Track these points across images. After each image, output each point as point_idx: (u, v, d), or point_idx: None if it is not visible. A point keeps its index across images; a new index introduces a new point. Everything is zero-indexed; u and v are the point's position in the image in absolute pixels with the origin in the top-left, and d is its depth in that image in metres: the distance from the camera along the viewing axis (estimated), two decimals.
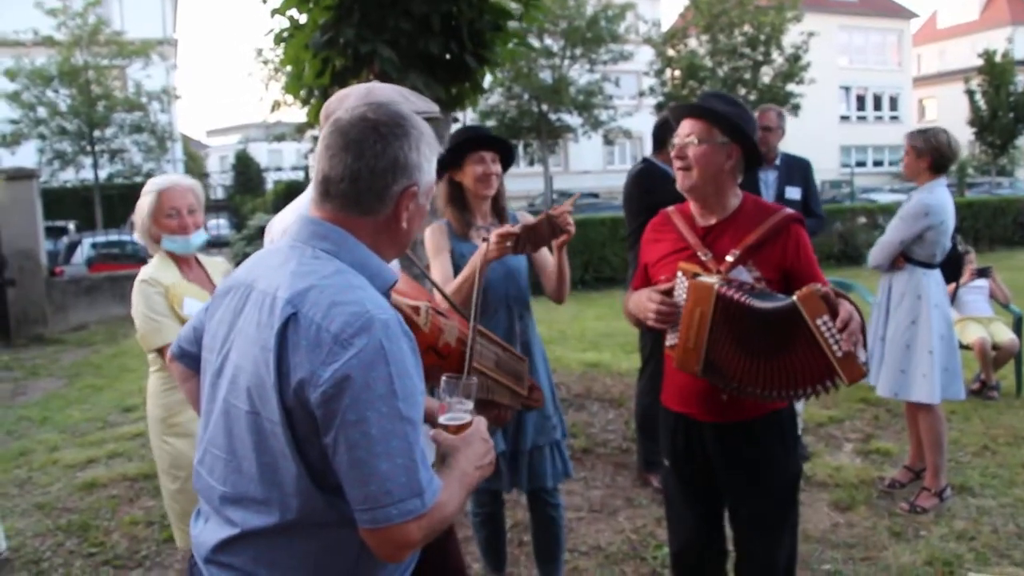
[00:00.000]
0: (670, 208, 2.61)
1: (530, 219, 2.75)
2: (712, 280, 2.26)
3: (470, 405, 1.62)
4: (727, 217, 2.46)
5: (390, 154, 1.45)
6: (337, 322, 1.33)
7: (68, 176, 21.00)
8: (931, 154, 4.08)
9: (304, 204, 2.29)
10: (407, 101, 2.13)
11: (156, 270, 2.94)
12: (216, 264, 3.16)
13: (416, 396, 1.36)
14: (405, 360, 1.35)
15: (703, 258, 2.41)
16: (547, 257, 3.01)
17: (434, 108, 2.18)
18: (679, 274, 2.35)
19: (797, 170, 5.00)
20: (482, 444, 1.57)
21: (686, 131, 2.43)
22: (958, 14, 46.39)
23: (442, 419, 1.59)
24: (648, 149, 4.78)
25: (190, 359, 1.72)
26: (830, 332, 2.09)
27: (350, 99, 2.11)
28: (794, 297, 2.13)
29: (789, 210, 2.49)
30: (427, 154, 1.51)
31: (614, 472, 4.78)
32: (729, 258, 2.38)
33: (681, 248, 2.48)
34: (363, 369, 1.30)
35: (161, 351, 2.82)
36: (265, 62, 24.17)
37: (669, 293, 2.37)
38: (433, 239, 3.06)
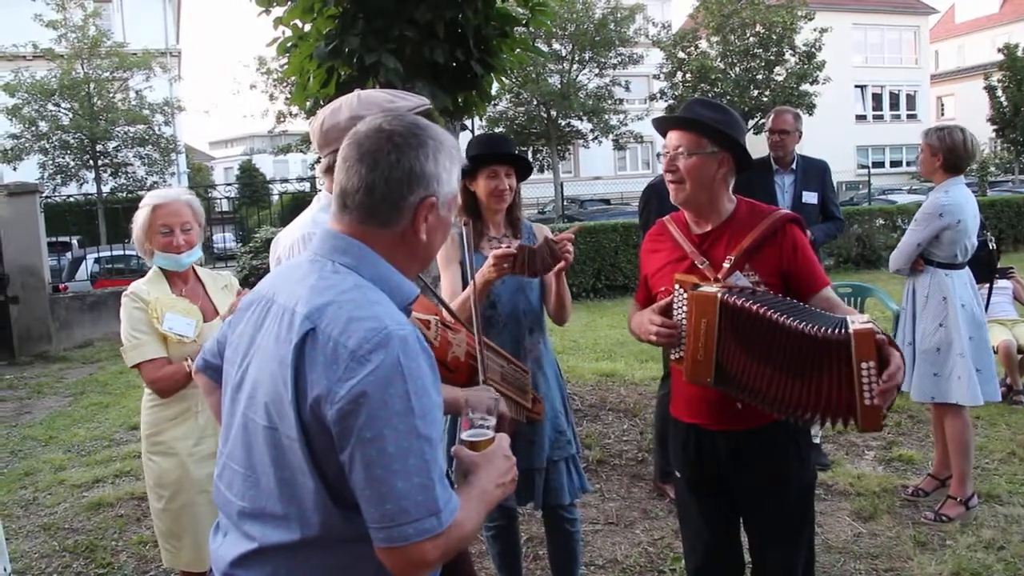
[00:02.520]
0: (666, 217, 2.59)
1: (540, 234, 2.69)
2: (713, 289, 2.23)
3: (492, 421, 1.62)
4: (722, 223, 2.43)
5: (405, 164, 1.43)
6: (355, 338, 1.32)
7: (71, 191, 20.94)
8: (944, 153, 4.03)
9: (308, 220, 2.25)
10: (399, 100, 2.09)
11: (143, 284, 2.88)
12: (219, 279, 3.08)
13: (434, 413, 1.34)
14: (423, 377, 1.34)
15: (700, 266, 2.39)
16: (549, 279, 2.97)
17: (425, 102, 2.15)
18: (676, 287, 2.32)
19: (814, 173, 4.95)
20: (504, 461, 1.55)
21: (675, 143, 2.39)
22: (977, 7, 45.77)
23: (464, 435, 1.58)
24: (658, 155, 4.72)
25: (214, 371, 1.73)
26: (869, 379, 2.02)
27: (342, 110, 2.07)
28: (851, 330, 2.04)
29: (784, 210, 2.46)
30: (446, 164, 1.48)
31: (630, 484, 4.73)
32: (725, 264, 2.35)
33: (678, 257, 2.46)
34: (380, 386, 1.29)
35: (140, 368, 2.78)
36: (268, 72, 24.32)
37: (668, 309, 2.34)
38: (444, 250, 3.02)
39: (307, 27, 4.88)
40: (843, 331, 2.04)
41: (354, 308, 1.36)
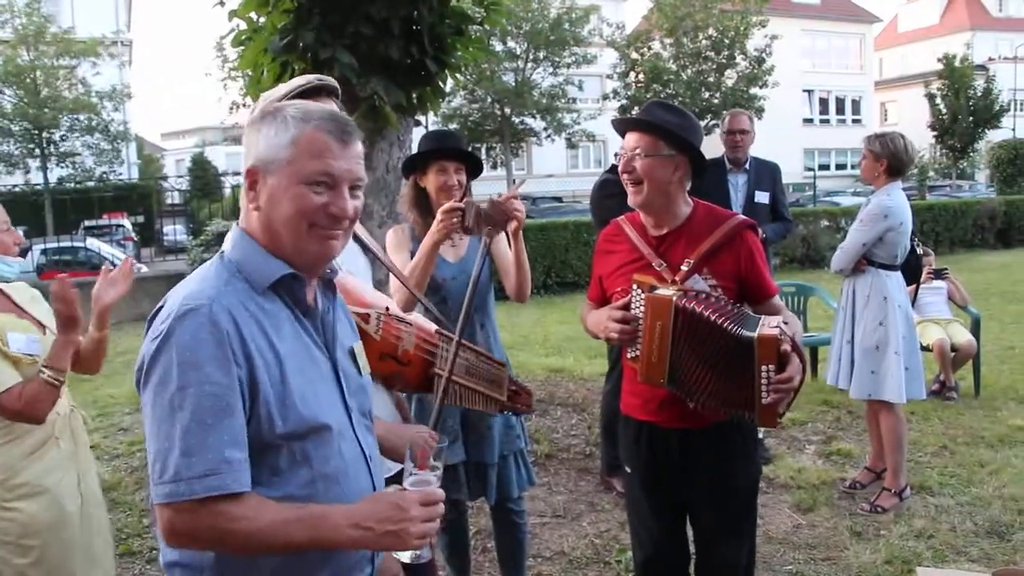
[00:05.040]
0: (621, 218, 2.59)
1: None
2: (669, 293, 2.25)
3: (425, 475, 1.63)
4: (679, 226, 2.44)
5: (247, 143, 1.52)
6: (162, 311, 1.43)
7: (16, 180, 20.40)
8: (888, 158, 4.16)
9: None
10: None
11: None
12: (21, 290, 2.65)
13: (202, 387, 1.34)
14: (197, 350, 1.35)
15: (657, 268, 2.40)
16: (506, 254, 2.98)
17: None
18: (634, 287, 2.33)
19: (766, 174, 5.07)
20: (387, 508, 1.47)
21: (632, 144, 2.39)
22: (919, 19, 47.34)
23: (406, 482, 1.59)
24: (612, 152, 4.83)
25: None
26: (766, 381, 2.16)
27: None
28: (755, 335, 2.15)
29: (741, 216, 2.49)
30: (268, 132, 1.47)
31: (577, 477, 4.78)
32: (684, 267, 2.36)
33: (635, 259, 2.46)
34: (153, 353, 1.38)
35: None
36: (224, 61, 23.90)
37: (626, 308, 2.36)
38: (395, 238, 3.07)
39: (262, 20, 4.84)
40: (750, 334, 2.15)
41: (183, 286, 1.46)
